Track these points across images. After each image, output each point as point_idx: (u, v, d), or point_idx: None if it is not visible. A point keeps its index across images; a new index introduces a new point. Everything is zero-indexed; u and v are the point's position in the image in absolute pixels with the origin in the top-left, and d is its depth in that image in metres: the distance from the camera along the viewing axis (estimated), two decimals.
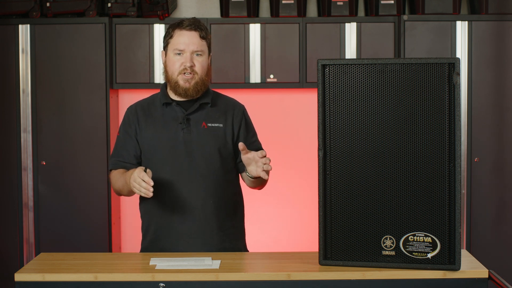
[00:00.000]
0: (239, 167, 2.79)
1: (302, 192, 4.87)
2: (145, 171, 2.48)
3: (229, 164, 2.76)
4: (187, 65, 2.67)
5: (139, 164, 2.75)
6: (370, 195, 2.30)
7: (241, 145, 2.54)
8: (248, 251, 2.84)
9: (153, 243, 2.74)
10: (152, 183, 2.44)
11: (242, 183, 2.87)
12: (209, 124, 2.72)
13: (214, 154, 2.70)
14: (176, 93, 2.73)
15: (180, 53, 2.69)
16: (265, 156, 2.53)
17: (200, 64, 2.70)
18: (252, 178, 2.67)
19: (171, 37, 2.72)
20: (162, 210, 2.71)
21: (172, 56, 2.71)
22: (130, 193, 2.67)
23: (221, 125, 2.74)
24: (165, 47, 2.75)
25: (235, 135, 2.76)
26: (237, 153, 2.77)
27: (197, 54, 2.69)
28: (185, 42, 2.68)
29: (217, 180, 2.71)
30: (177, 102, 2.74)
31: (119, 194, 2.78)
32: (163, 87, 2.79)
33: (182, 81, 2.69)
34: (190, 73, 2.68)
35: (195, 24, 2.70)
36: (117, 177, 2.72)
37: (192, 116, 2.73)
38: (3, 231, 4.59)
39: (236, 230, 2.79)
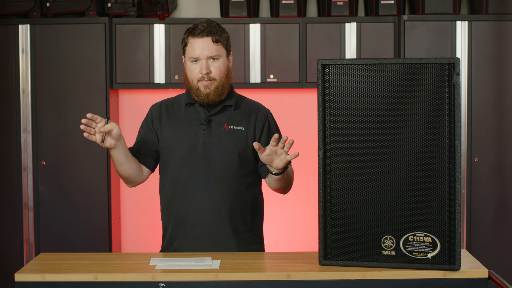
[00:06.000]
0: (261, 172, 2.75)
1: (302, 192, 4.86)
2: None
3: (248, 167, 2.73)
4: (203, 73, 2.65)
5: (152, 158, 2.74)
6: (370, 195, 2.30)
7: (256, 144, 2.49)
8: None
9: (169, 244, 2.74)
10: (92, 118, 2.47)
11: (263, 187, 2.83)
12: (231, 127, 2.71)
13: (232, 157, 2.68)
14: (198, 99, 2.70)
15: (196, 60, 2.67)
16: (279, 141, 2.49)
17: (217, 68, 2.67)
18: (278, 174, 2.62)
19: (185, 44, 2.71)
20: (177, 211, 2.70)
21: (189, 64, 2.69)
22: (120, 165, 2.65)
23: (242, 128, 2.72)
24: (183, 54, 2.74)
25: (257, 139, 2.73)
26: (258, 157, 2.73)
27: (213, 59, 2.67)
28: (199, 50, 2.66)
29: (234, 184, 2.69)
30: (200, 103, 2.72)
31: (119, 172, 2.70)
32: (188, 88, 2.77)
33: (202, 87, 2.67)
34: (208, 80, 2.66)
35: (207, 29, 2.66)
36: None
37: (214, 117, 2.71)
38: (3, 231, 4.59)
39: (252, 235, 2.76)
